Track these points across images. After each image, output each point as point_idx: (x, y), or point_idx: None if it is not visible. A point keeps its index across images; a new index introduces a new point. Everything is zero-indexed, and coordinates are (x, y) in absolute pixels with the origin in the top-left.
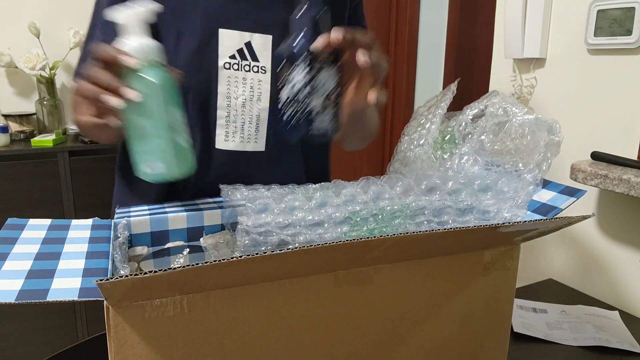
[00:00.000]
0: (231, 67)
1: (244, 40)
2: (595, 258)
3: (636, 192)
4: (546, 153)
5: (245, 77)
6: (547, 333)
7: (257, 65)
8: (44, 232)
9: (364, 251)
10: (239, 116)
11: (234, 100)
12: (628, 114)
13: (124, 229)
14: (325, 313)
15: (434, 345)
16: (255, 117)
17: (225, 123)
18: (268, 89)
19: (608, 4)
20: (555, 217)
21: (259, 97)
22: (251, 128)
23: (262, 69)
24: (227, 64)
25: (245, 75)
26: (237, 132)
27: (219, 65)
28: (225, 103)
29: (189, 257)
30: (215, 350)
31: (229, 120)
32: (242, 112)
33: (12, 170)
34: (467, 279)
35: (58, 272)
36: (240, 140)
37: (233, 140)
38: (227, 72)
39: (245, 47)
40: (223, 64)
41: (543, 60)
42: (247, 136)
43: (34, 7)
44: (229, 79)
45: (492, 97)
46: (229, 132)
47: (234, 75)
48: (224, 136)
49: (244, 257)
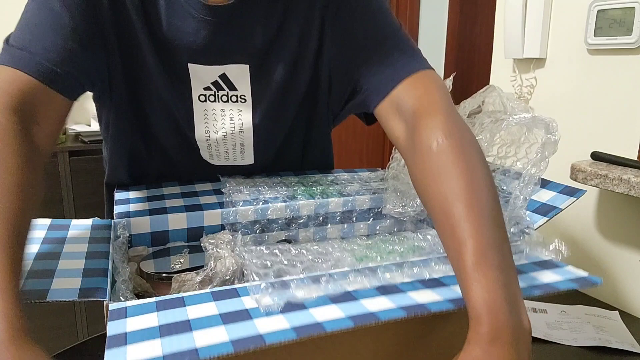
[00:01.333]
0: (207, 99)
1: (216, 73)
2: (595, 258)
3: (636, 192)
4: (544, 152)
5: (223, 108)
6: (547, 333)
7: (235, 94)
8: (44, 232)
9: None
10: (221, 146)
11: (213, 135)
12: (628, 114)
13: (124, 229)
14: None
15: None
16: (239, 144)
17: (207, 148)
18: (250, 120)
19: (608, 4)
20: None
21: (241, 129)
22: (236, 152)
23: (242, 98)
24: (202, 97)
25: (224, 106)
26: (222, 156)
27: (192, 98)
28: (204, 137)
29: (189, 257)
30: None
31: (211, 149)
32: (224, 143)
33: None
34: None
35: (58, 272)
36: (226, 160)
37: (218, 160)
38: (202, 104)
39: (220, 78)
40: (198, 97)
41: (543, 60)
42: (233, 157)
43: None
44: (205, 113)
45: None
46: (214, 155)
47: (212, 108)
48: (208, 157)
49: None
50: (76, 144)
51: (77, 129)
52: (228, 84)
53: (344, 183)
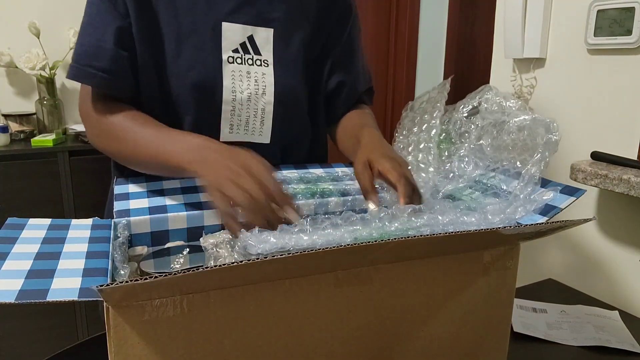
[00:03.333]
0: (234, 61)
1: (246, 34)
2: (595, 258)
3: (636, 192)
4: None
5: (249, 70)
6: (547, 333)
7: (259, 58)
8: (43, 231)
9: (365, 253)
10: (244, 110)
11: (239, 95)
12: (628, 114)
13: (124, 229)
14: (325, 313)
15: (434, 345)
16: (260, 110)
17: (230, 117)
18: (272, 82)
19: (608, 4)
20: (556, 220)
21: (264, 91)
22: (256, 122)
23: (265, 62)
24: (231, 58)
25: (249, 69)
26: (242, 125)
27: (222, 59)
28: (230, 97)
29: (189, 257)
30: (215, 350)
31: (234, 114)
32: (248, 106)
33: (12, 170)
34: (467, 279)
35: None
36: (245, 133)
37: (237, 133)
38: (231, 66)
39: (247, 40)
40: (227, 58)
41: (543, 60)
42: (252, 129)
43: (34, 7)
44: (233, 73)
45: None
46: (234, 124)
47: (238, 69)
48: (228, 129)
49: (244, 262)
50: (76, 144)
51: (77, 129)
52: (254, 47)
53: (343, 179)
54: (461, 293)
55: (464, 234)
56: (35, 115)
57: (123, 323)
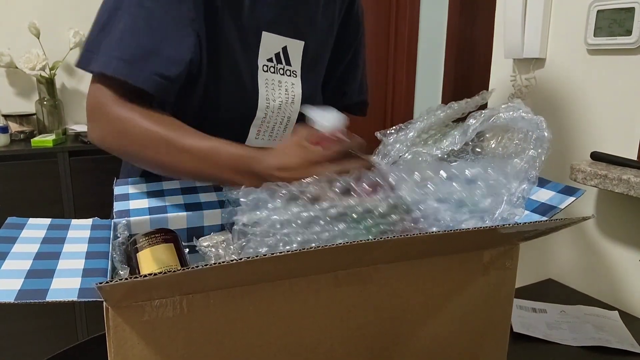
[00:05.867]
0: (269, 70)
1: (281, 44)
2: (595, 258)
3: (636, 192)
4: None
5: (280, 80)
6: (547, 333)
7: (289, 69)
8: (43, 231)
9: (364, 252)
10: (273, 117)
11: (272, 103)
12: (628, 114)
13: (124, 229)
14: (325, 313)
15: (433, 345)
16: (287, 118)
17: (260, 123)
18: (299, 92)
19: (608, 4)
20: (556, 219)
21: (292, 100)
22: (280, 128)
23: (294, 73)
24: (266, 67)
25: (280, 78)
26: (268, 131)
27: (259, 67)
28: (265, 104)
29: (189, 257)
30: (215, 350)
31: (265, 121)
32: (277, 114)
33: (12, 170)
34: (467, 278)
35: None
36: (270, 139)
37: (262, 139)
38: (265, 74)
39: (281, 51)
40: (262, 67)
41: (543, 60)
42: (276, 135)
43: (34, 7)
44: (266, 82)
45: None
46: (261, 131)
47: (271, 78)
48: (255, 134)
49: (244, 260)
50: (76, 144)
51: (77, 129)
52: (286, 58)
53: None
54: (461, 293)
55: (463, 232)
56: (35, 115)
57: (123, 323)
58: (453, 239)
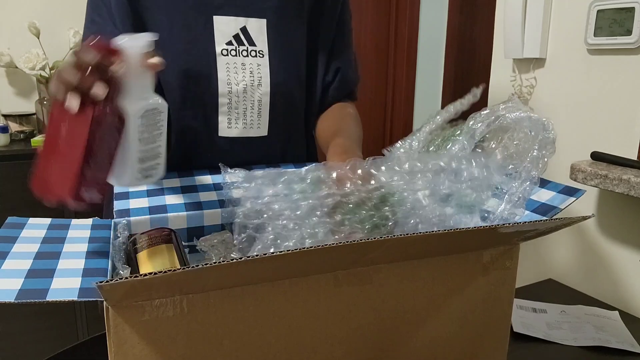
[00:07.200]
0: (229, 54)
1: (239, 25)
2: (595, 258)
3: (636, 192)
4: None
5: (244, 62)
6: (547, 333)
7: (254, 49)
8: (43, 231)
9: (364, 252)
10: (240, 102)
11: (234, 87)
12: (628, 114)
13: (124, 229)
14: (325, 313)
15: (433, 344)
16: (257, 102)
17: (227, 110)
18: (267, 73)
19: (608, 4)
20: (555, 218)
21: (259, 82)
22: (253, 114)
23: (260, 53)
24: (225, 51)
25: (244, 60)
26: (240, 118)
27: (216, 52)
28: (226, 90)
29: (189, 257)
30: (215, 350)
31: (231, 107)
32: (244, 98)
33: (12, 170)
34: (467, 278)
35: (58, 272)
36: (244, 127)
37: (236, 127)
38: (225, 58)
39: (241, 32)
40: (220, 51)
41: (543, 60)
42: (250, 122)
43: (34, 7)
44: (227, 66)
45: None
46: (232, 119)
47: (233, 62)
48: (226, 123)
49: (244, 260)
50: None
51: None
52: (248, 38)
53: None
54: (461, 293)
55: (463, 232)
56: (35, 115)
57: (123, 323)
58: (453, 239)
